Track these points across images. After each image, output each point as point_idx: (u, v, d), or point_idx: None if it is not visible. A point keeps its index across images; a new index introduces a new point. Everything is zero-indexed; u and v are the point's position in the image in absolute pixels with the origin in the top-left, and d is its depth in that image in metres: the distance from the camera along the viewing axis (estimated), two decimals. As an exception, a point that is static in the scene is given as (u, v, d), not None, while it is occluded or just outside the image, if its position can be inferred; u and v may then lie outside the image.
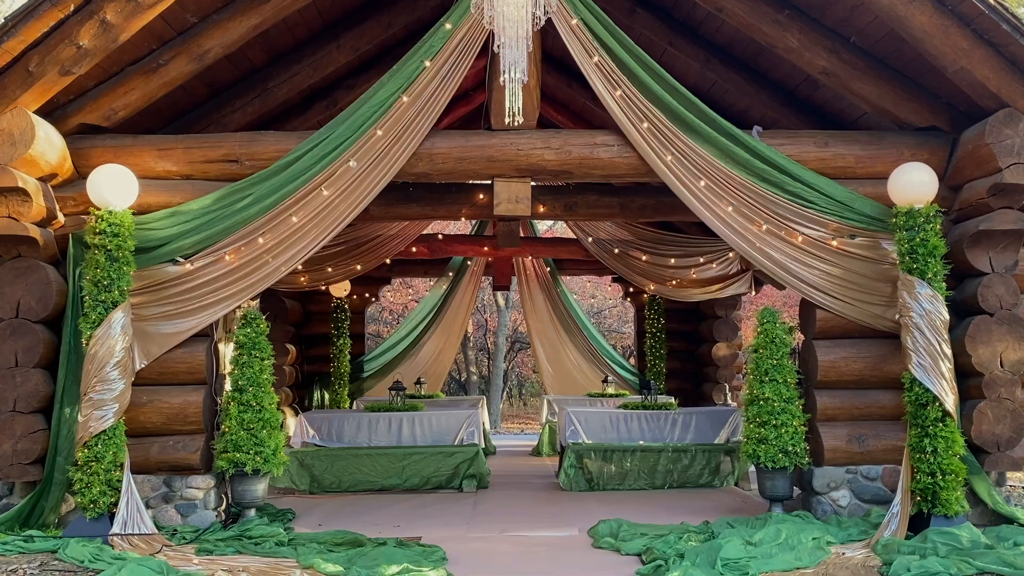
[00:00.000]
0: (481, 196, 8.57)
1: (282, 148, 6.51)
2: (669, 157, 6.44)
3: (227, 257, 6.41)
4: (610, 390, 11.92)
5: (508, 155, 6.56)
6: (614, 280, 14.55)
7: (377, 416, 8.49)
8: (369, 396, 13.24)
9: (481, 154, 6.55)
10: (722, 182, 6.47)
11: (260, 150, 6.55)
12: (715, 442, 8.48)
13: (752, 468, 8.30)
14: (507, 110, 5.94)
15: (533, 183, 6.98)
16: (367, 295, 13.76)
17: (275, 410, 6.46)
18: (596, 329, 14.43)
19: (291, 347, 13.20)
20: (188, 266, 6.36)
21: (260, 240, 6.41)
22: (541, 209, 8.75)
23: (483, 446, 8.47)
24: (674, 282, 11.49)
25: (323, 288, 11.79)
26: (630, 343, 25.16)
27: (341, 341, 13.10)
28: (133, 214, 6.23)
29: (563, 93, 10.40)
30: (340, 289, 12.58)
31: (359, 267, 10.60)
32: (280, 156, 6.45)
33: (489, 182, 6.94)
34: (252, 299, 14.03)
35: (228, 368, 6.60)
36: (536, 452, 11.42)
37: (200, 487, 6.38)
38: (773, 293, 20.38)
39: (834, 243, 6.47)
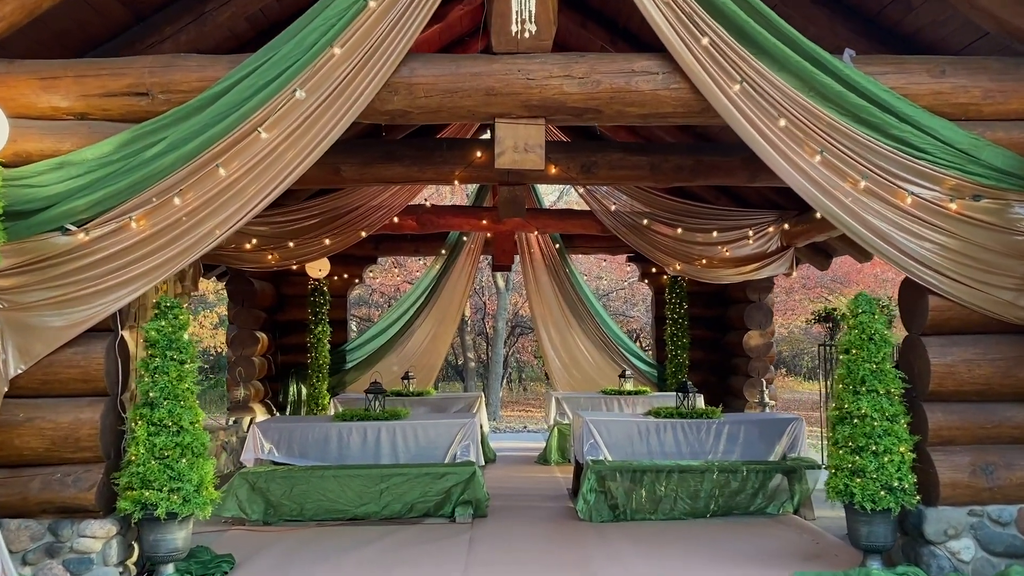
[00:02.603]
0: (479, 154, 6.93)
1: (207, 76, 4.81)
2: (736, 87, 4.73)
3: (134, 223, 4.72)
4: (628, 386, 10.26)
5: (514, 87, 4.85)
6: (629, 259, 12.88)
7: (349, 426, 6.82)
8: (352, 392, 11.61)
9: (478, 84, 4.83)
10: (806, 123, 4.78)
11: (178, 79, 4.84)
12: (769, 459, 6.84)
13: (815, 487, 6.67)
14: (513, 16, 4.26)
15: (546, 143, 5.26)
16: (347, 276, 12.05)
17: (200, 431, 4.79)
18: (609, 315, 12.75)
19: (262, 335, 11.57)
20: (82, 236, 4.69)
21: (177, 200, 4.72)
22: (553, 171, 7.09)
23: (481, 463, 6.82)
24: (703, 261, 9.84)
25: (294, 267, 10.10)
26: (637, 327, 23.51)
27: (319, 328, 11.46)
28: (3, 166, 4.56)
29: (577, 38, 8.66)
30: (316, 269, 10.89)
31: (328, 242, 8.90)
32: (205, 87, 4.75)
33: (484, 141, 5.26)
34: (219, 279, 12.44)
35: (137, 374, 4.92)
36: (543, 459, 9.78)
37: (97, 535, 4.72)
38: (810, 274, 18.75)
39: (952, 206, 4.81)
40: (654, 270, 11.72)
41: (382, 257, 13.63)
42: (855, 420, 4.80)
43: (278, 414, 12.04)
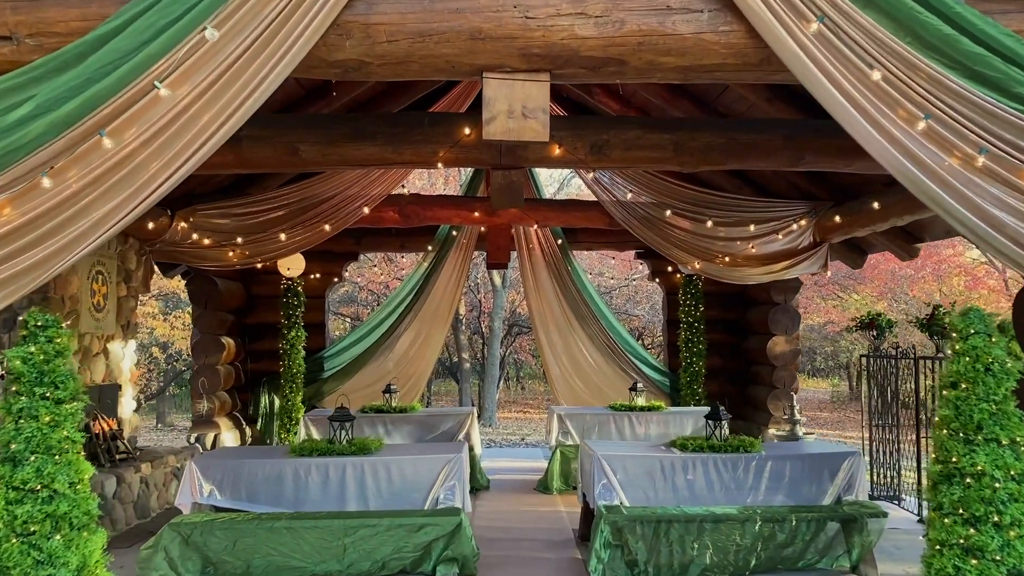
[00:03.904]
0: (467, 131, 5.72)
1: (92, 14, 3.56)
2: (812, 29, 3.48)
3: (-7, 214, 3.48)
4: (639, 401, 9.03)
5: (509, 28, 3.59)
6: (638, 255, 11.66)
7: (308, 464, 5.58)
8: (331, 407, 10.39)
9: (459, 25, 3.58)
10: (905, 79, 3.54)
11: (52, 18, 3.59)
12: (822, 502, 5.62)
13: (878, 538, 5.46)
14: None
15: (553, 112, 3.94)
16: (319, 275, 10.77)
17: (84, 495, 3.54)
18: (616, 318, 11.51)
19: (228, 340, 10.35)
20: (-78, 231, 3.45)
21: (48, 182, 3.47)
22: (557, 151, 5.85)
23: (468, 509, 5.59)
24: (726, 259, 8.64)
25: (258, 266, 8.85)
26: (639, 325, 22.26)
27: (293, 333, 10.25)
28: None
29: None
30: (285, 267, 9.66)
31: (284, 237, 7.65)
32: (89, 28, 3.51)
33: (474, 116, 4.02)
34: (183, 277, 11.20)
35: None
36: (543, 486, 8.54)
37: (-60, 640, 3.50)
38: (840, 270, 17.56)
39: (1096, 192, 3.57)
40: (669, 268, 10.48)
41: (364, 253, 12.38)
42: (968, 480, 3.57)
43: (248, 428, 10.83)
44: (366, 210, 7.68)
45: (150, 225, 7.14)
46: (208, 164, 5.76)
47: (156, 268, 9.66)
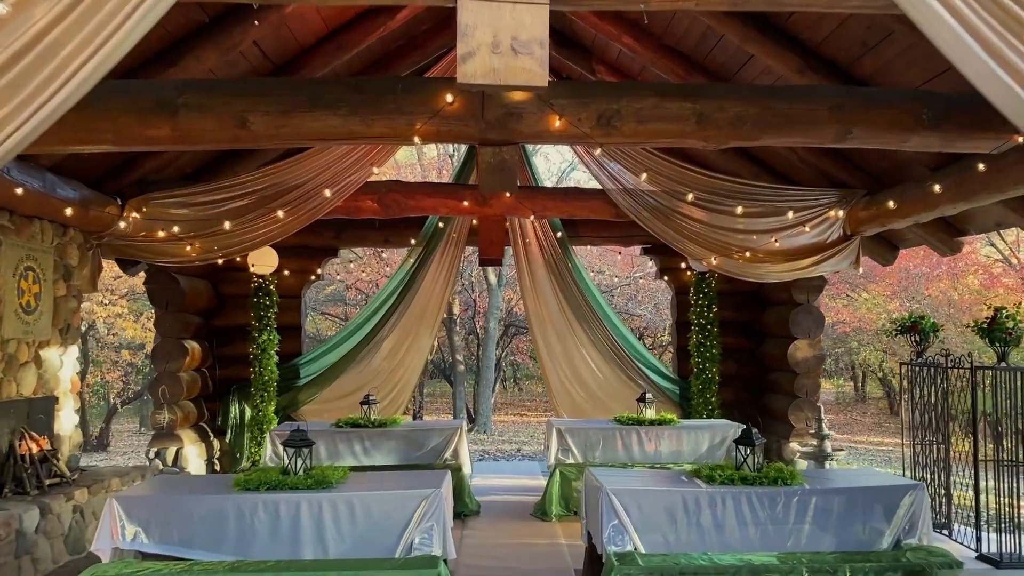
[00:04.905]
0: (450, 98, 4.76)
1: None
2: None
3: None
4: (648, 413, 8.05)
5: (494, -74, 2.61)
6: (644, 251, 10.69)
7: (255, 500, 4.58)
8: (304, 418, 9.41)
9: (424, -80, 2.59)
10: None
11: None
12: (881, 547, 4.63)
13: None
14: None
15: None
16: (292, 271, 9.77)
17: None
18: (621, 321, 10.52)
19: (193, 345, 9.36)
20: None
21: None
22: (557, 123, 4.88)
23: (452, 555, 4.60)
24: (746, 253, 7.69)
25: (220, 261, 7.85)
26: (641, 325, 21.25)
27: (264, 337, 9.30)
28: None
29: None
30: (252, 263, 8.67)
31: (226, 225, 6.67)
32: (-93, -76, 2.52)
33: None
34: (136, 276, 10.21)
35: None
36: (541, 511, 7.54)
37: None
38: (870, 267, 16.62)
39: None
40: (681, 265, 9.49)
41: (344, 248, 11.40)
42: None
43: (216, 441, 9.84)
44: (327, 193, 6.68)
45: (67, 211, 6.18)
46: (138, 138, 4.83)
47: (116, 264, 8.71)
